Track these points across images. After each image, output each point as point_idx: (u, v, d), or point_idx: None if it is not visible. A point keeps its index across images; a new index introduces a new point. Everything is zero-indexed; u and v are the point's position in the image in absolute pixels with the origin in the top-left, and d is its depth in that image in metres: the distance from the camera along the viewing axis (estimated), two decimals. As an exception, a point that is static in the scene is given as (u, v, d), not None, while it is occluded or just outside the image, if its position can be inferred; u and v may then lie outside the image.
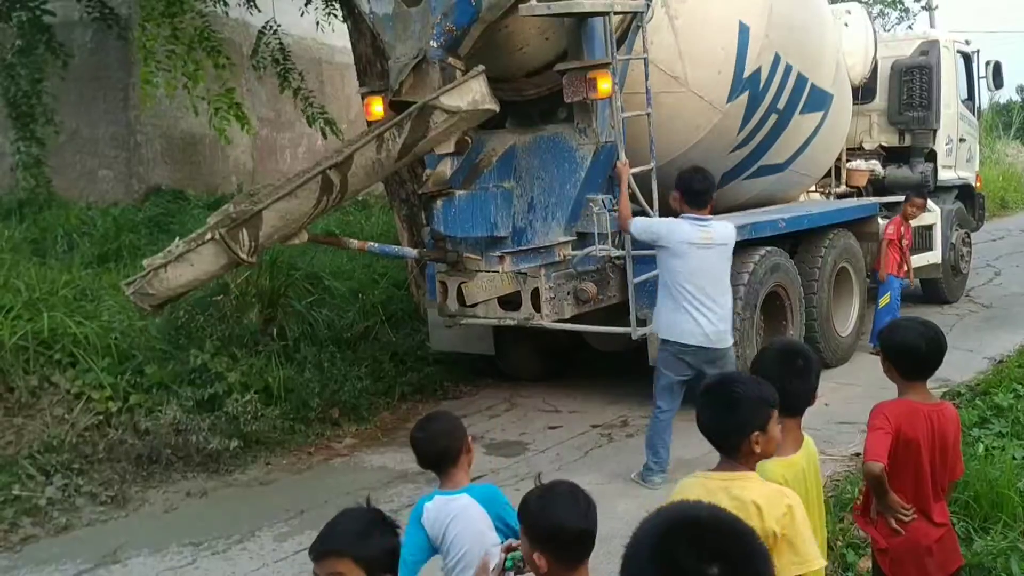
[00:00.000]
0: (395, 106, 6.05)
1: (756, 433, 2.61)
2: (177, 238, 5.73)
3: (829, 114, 8.95)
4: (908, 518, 3.31)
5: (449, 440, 3.15)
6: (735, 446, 2.65)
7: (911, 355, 3.36)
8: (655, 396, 5.99)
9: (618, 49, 6.27)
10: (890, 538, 3.38)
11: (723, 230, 5.78)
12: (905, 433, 3.28)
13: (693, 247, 5.62)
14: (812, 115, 8.62)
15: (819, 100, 8.63)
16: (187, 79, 7.94)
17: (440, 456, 3.15)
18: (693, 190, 5.71)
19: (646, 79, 6.41)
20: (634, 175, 6.28)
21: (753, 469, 2.68)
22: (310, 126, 10.95)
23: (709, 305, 5.66)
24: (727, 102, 7.30)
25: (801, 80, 8.11)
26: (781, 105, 7.94)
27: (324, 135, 11.04)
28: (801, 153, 8.78)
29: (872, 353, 8.48)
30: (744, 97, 7.45)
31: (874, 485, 3.29)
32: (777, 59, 7.63)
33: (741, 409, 2.64)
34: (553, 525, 2.32)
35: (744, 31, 7.15)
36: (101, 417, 6.56)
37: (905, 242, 9.29)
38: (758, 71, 7.44)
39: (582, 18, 6.16)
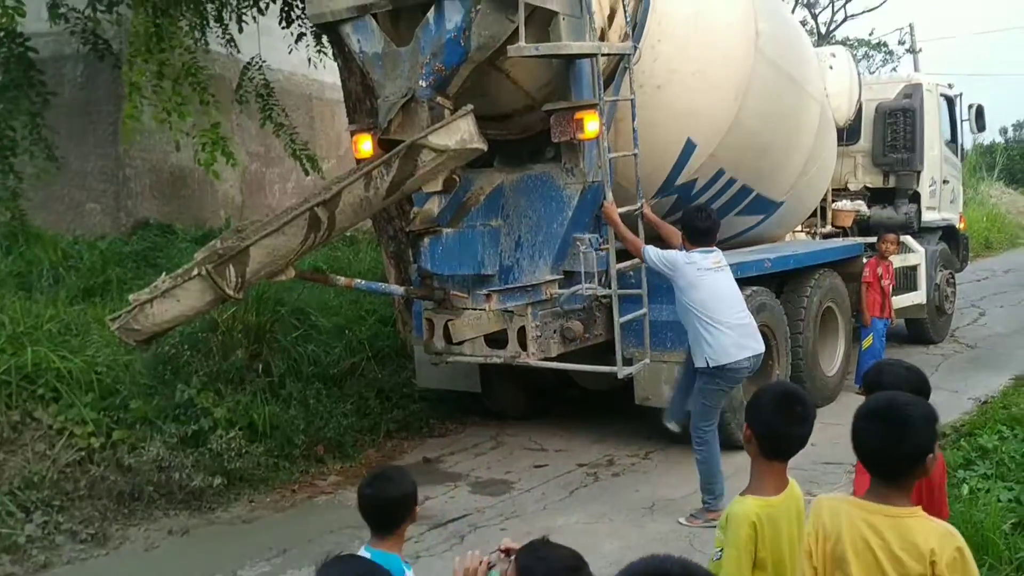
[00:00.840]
0: (384, 144, 6.08)
1: (929, 456, 2.52)
2: (164, 273, 5.71)
3: (772, 217, 9.04)
4: None
5: (399, 509, 3.04)
6: (906, 473, 2.54)
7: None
8: (701, 431, 6.04)
9: (605, 90, 6.32)
10: None
11: (722, 254, 6.16)
12: None
13: (709, 272, 5.95)
14: (751, 217, 8.68)
15: (762, 206, 8.67)
16: (172, 114, 7.96)
17: (388, 521, 3.05)
18: (697, 229, 6.03)
19: (633, 120, 6.47)
20: (620, 215, 6.32)
21: (910, 500, 2.57)
22: (297, 161, 10.98)
23: (746, 317, 6.10)
24: (652, 198, 7.29)
25: (745, 191, 8.17)
26: (714, 207, 7.83)
27: (306, 171, 11.07)
28: (729, 240, 8.76)
29: (858, 393, 8.49)
30: (672, 198, 7.54)
31: None
32: (720, 173, 7.68)
33: (919, 433, 2.51)
34: None
35: (689, 148, 7.15)
36: (83, 453, 6.50)
37: (886, 282, 9.32)
38: (693, 181, 7.51)
39: (570, 60, 6.22)
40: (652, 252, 6.07)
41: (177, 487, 6.41)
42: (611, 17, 6.65)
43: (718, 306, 5.92)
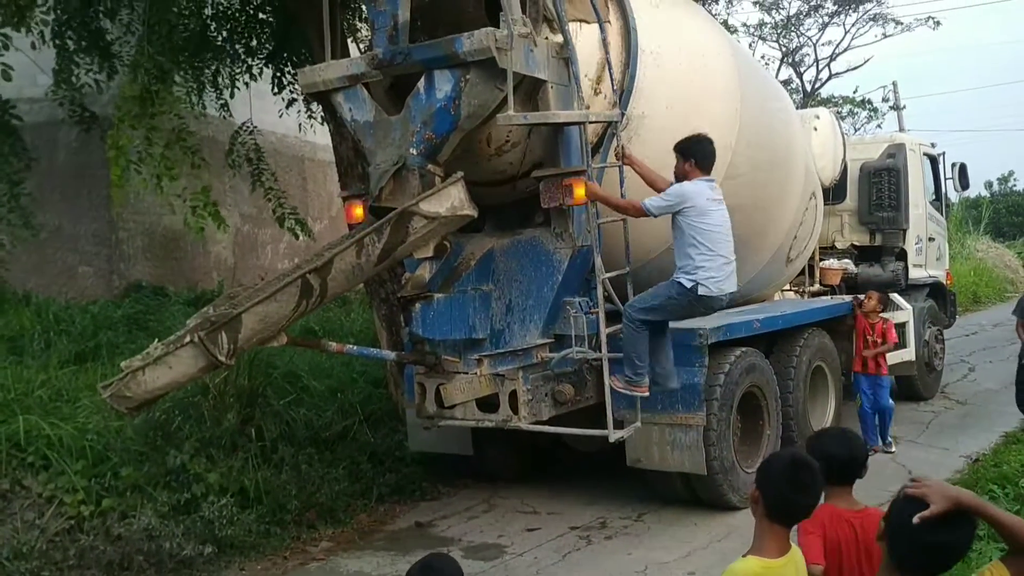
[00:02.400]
0: (375, 211, 6.15)
1: None
2: (156, 340, 5.72)
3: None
4: None
5: None
6: None
7: (830, 463, 3.53)
8: (640, 318, 6.27)
9: (594, 156, 6.43)
10: None
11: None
12: (829, 537, 3.51)
13: (716, 203, 6.20)
14: None
15: None
16: (161, 178, 8.03)
17: None
18: (707, 156, 6.31)
19: (621, 185, 6.56)
20: (609, 279, 6.39)
21: None
22: (280, 227, 11.05)
23: (734, 255, 6.33)
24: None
25: None
26: None
27: (296, 235, 11.13)
28: None
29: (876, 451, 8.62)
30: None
31: None
32: None
33: None
34: None
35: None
36: (73, 522, 6.46)
37: (872, 337, 9.29)
38: None
39: (558, 127, 6.33)
40: (652, 200, 6.26)
41: (167, 556, 6.35)
42: (598, 84, 6.79)
43: (721, 239, 6.19)
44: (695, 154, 6.31)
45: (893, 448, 9.04)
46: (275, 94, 11.00)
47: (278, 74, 10.78)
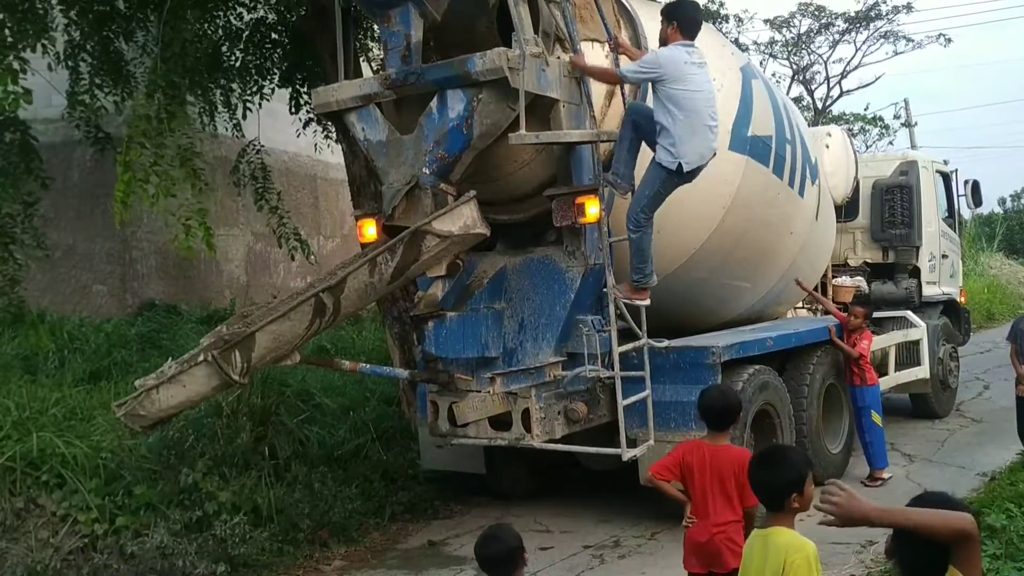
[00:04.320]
0: (388, 230, 6.18)
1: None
2: (170, 358, 5.74)
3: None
4: (684, 522, 4.66)
5: (508, 563, 3.69)
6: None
7: (708, 411, 4.74)
8: (642, 217, 6.31)
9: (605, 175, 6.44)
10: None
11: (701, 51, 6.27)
12: (686, 460, 4.65)
13: (693, 66, 6.10)
14: None
15: None
16: (159, 195, 8.06)
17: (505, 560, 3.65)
18: (690, 19, 6.25)
19: (633, 204, 6.57)
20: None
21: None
22: (280, 247, 11.06)
23: (716, 120, 6.27)
24: None
25: None
26: None
27: (292, 256, 11.12)
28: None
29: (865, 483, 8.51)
30: None
31: (653, 486, 4.77)
32: None
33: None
34: None
35: None
36: (86, 540, 6.49)
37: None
38: None
39: (570, 146, 6.35)
40: (628, 66, 6.29)
41: (180, 574, 6.36)
42: (609, 100, 6.81)
43: (701, 102, 6.11)
44: (678, 17, 6.27)
45: (884, 476, 8.58)
46: (292, 114, 11.07)
47: (294, 95, 10.85)
